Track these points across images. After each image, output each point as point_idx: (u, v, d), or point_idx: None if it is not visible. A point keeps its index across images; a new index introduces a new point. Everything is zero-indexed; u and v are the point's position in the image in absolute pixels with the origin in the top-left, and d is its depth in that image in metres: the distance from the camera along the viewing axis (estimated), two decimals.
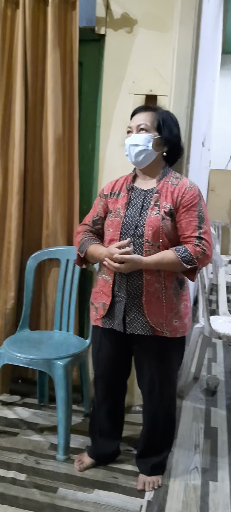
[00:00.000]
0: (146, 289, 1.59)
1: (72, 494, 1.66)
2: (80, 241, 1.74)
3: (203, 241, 1.56)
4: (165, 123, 1.67)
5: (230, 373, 2.87)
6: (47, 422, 2.13)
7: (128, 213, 1.64)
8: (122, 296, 1.62)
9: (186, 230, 1.58)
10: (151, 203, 1.62)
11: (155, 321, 1.60)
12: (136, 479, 1.75)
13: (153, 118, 1.67)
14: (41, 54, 2.16)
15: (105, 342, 1.72)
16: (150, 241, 1.58)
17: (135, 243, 1.59)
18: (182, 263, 1.54)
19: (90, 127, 2.30)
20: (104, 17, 2.15)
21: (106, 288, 1.66)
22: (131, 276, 1.60)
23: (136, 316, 1.61)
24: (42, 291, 2.29)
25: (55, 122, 2.13)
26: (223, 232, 5.69)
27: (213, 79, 4.55)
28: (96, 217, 1.77)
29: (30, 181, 2.24)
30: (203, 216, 1.60)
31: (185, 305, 1.67)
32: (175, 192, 1.61)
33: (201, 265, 1.57)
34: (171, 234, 1.59)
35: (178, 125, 1.72)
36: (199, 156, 3.19)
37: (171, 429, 1.80)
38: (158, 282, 1.60)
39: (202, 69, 2.65)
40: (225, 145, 6.10)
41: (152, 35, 2.12)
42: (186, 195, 1.60)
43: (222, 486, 1.75)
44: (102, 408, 1.80)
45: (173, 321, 1.62)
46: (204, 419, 2.25)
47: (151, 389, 1.69)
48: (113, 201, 1.71)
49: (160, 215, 1.58)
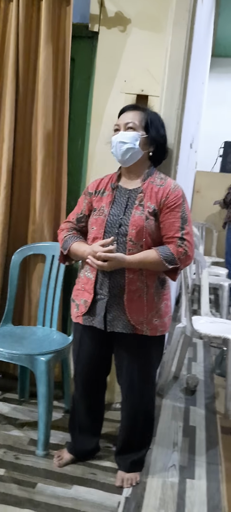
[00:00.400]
0: (128, 288, 1.61)
1: (51, 489, 1.66)
2: (64, 238, 1.74)
3: (185, 242, 1.59)
4: (152, 123, 1.68)
5: (209, 373, 2.93)
6: (27, 417, 2.12)
7: (112, 212, 1.65)
8: (104, 294, 1.64)
9: (169, 230, 1.61)
10: (135, 203, 1.64)
11: (136, 319, 1.62)
12: (114, 475, 1.76)
13: (141, 118, 1.68)
14: (33, 48, 2.14)
15: (85, 339, 1.73)
16: (133, 240, 1.59)
17: (119, 241, 1.61)
18: (164, 263, 1.56)
19: (81, 124, 2.29)
20: (98, 15, 2.14)
21: (89, 285, 1.67)
22: (113, 274, 1.61)
23: (117, 314, 1.63)
24: (27, 287, 2.28)
25: (45, 117, 2.11)
26: (206, 234, 5.77)
27: (202, 82, 4.60)
28: (81, 214, 1.77)
29: (18, 176, 2.22)
30: (186, 217, 1.62)
31: (165, 304, 1.70)
32: (159, 192, 1.63)
33: (182, 265, 1.60)
34: (154, 234, 1.61)
35: (164, 127, 1.75)
36: (186, 158, 3.22)
37: (149, 426, 1.82)
38: (140, 281, 1.61)
39: (193, 72, 2.68)
40: (212, 148, 6.17)
41: (145, 35, 2.13)
42: (170, 196, 1.62)
43: (199, 484, 1.79)
44: (81, 405, 1.81)
45: (153, 320, 1.64)
46: (183, 418, 2.29)
47: (130, 386, 1.71)
48: (97, 199, 1.71)
49: (144, 215, 1.60)
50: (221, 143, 6.01)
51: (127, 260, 1.57)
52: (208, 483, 1.79)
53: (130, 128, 1.66)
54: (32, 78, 2.16)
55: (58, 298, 2.17)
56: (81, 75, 2.28)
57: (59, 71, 2.15)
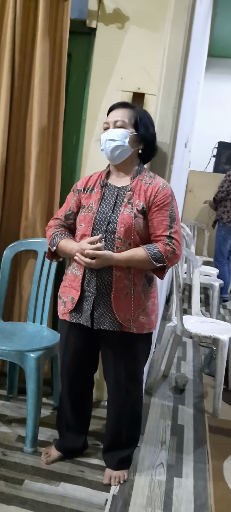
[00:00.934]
0: (115, 285, 1.61)
1: (38, 486, 1.66)
2: (52, 235, 1.73)
3: (174, 241, 1.60)
4: (141, 121, 1.69)
5: (198, 372, 2.95)
6: (15, 414, 2.12)
7: (101, 209, 1.65)
8: (91, 291, 1.64)
9: (157, 229, 1.61)
10: (124, 201, 1.64)
11: (123, 317, 1.62)
12: (102, 473, 1.77)
13: (130, 115, 1.68)
14: (30, 42, 2.12)
15: (72, 337, 1.73)
16: (121, 238, 1.59)
17: (107, 239, 1.61)
18: (152, 261, 1.57)
19: (76, 119, 2.28)
20: (96, 11, 2.13)
21: (76, 282, 1.67)
22: (100, 271, 1.62)
23: (104, 312, 1.63)
24: (17, 282, 2.26)
25: (40, 112, 2.10)
26: (198, 233, 5.79)
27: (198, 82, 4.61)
28: (69, 211, 1.76)
29: (12, 170, 2.20)
30: (174, 216, 1.63)
31: (152, 302, 1.70)
32: (148, 190, 1.64)
33: (170, 263, 1.61)
34: (142, 232, 1.62)
35: (153, 125, 1.75)
36: (181, 157, 3.23)
37: (136, 424, 1.82)
38: (127, 278, 1.62)
39: (190, 71, 2.68)
40: (205, 147, 6.19)
41: (143, 33, 2.12)
42: (158, 195, 1.62)
43: (186, 482, 1.80)
44: (68, 401, 1.80)
45: (140, 317, 1.65)
46: (171, 417, 2.30)
47: (116, 384, 1.72)
48: (86, 196, 1.71)
49: (133, 213, 1.61)
50: (215, 143, 6.03)
51: (115, 258, 1.57)
52: (195, 482, 1.81)
53: (119, 125, 1.66)
54: (28, 72, 2.14)
55: (49, 295, 2.16)
56: (77, 71, 2.26)
57: (55, 67, 2.13)
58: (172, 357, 2.80)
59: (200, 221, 5.91)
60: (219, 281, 4.41)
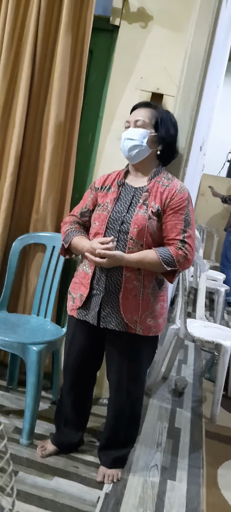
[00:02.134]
0: (124, 286, 1.61)
1: (32, 479, 1.67)
2: (66, 232, 1.74)
3: (186, 245, 1.59)
4: (162, 122, 1.67)
5: (198, 377, 2.94)
6: (14, 405, 2.13)
7: (116, 209, 1.65)
8: (99, 289, 1.64)
9: (170, 232, 1.60)
10: (140, 201, 1.63)
11: (129, 318, 1.62)
12: (96, 470, 1.78)
13: (151, 115, 1.67)
14: (52, 36, 2.12)
15: (78, 333, 1.74)
16: (134, 238, 1.59)
17: (119, 239, 1.60)
18: (162, 264, 1.56)
19: (93, 116, 2.28)
20: (121, 9, 2.13)
21: (86, 280, 1.68)
22: (110, 271, 1.62)
23: (111, 311, 1.63)
24: (24, 275, 2.28)
25: (58, 107, 2.10)
26: (207, 237, 5.77)
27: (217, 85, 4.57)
28: (85, 209, 1.77)
29: (26, 164, 2.20)
30: (189, 220, 1.62)
31: (161, 305, 1.70)
32: (165, 193, 1.63)
33: (181, 268, 1.59)
34: (155, 234, 1.61)
35: (176, 127, 1.73)
36: (195, 160, 3.22)
37: (135, 425, 1.83)
38: (137, 280, 1.61)
39: (211, 75, 2.66)
40: (220, 152, 6.15)
41: (165, 33, 2.11)
42: (175, 198, 1.61)
43: (180, 485, 1.80)
44: (69, 397, 1.81)
45: (147, 320, 1.64)
46: (169, 419, 2.30)
47: (118, 383, 1.72)
48: (103, 195, 1.71)
49: (147, 214, 1.60)
50: (230, 148, 5.98)
51: (126, 259, 1.57)
52: (188, 486, 1.81)
53: (139, 125, 1.66)
54: (49, 66, 2.15)
55: (55, 290, 2.17)
56: (98, 68, 2.26)
57: (76, 62, 2.13)
58: (173, 360, 2.80)
59: (210, 225, 5.88)
60: (225, 286, 4.39)
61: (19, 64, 2.15)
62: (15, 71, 2.16)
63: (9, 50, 2.11)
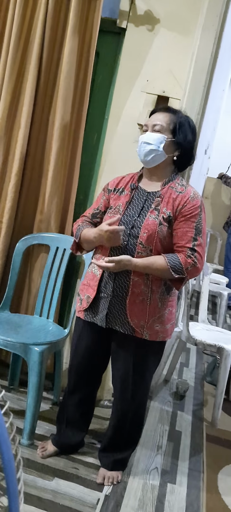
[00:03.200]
0: (131, 290, 1.60)
1: (31, 479, 1.67)
2: (77, 227, 1.74)
3: (196, 254, 1.57)
4: (181, 128, 1.65)
5: (200, 380, 2.94)
6: (15, 405, 2.14)
7: (127, 212, 1.64)
8: (107, 292, 1.64)
9: (181, 239, 1.58)
10: (152, 206, 1.62)
11: (136, 322, 1.61)
12: (96, 472, 1.78)
13: (170, 120, 1.65)
14: (59, 38, 2.13)
15: (85, 334, 1.73)
16: (143, 243, 1.58)
17: (129, 242, 1.60)
18: (171, 271, 1.54)
19: (98, 118, 2.28)
20: (128, 11, 2.13)
21: (94, 282, 1.68)
22: (118, 275, 1.61)
23: (118, 313, 1.63)
24: (27, 275, 2.28)
25: (64, 108, 2.11)
26: (211, 241, 5.76)
27: (223, 89, 4.55)
28: (97, 210, 1.77)
29: (31, 164, 2.21)
30: (200, 229, 1.60)
31: (169, 311, 1.68)
32: (177, 199, 1.61)
33: (189, 276, 1.58)
34: (165, 241, 1.60)
35: (194, 132, 1.71)
36: (200, 163, 3.21)
37: (137, 429, 1.83)
38: (145, 285, 1.60)
39: (217, 78, 2.65)
40: (225, 155, 6.12)
41: (172, 36, 2.11)
42: (187, 205, 1.59)
43: (179, 489, 1.80)
44: (73, 398, 1.81)
45: (154, 325, 1.63)
46: (170, 422, 2.30)
47: (123, 387, 1.72)
48: (115, 197, 1.70)
49: (158, 220, 1.59)
50: None
51: (134, 263, 1.56)
52: (188, 490, 1.81)
53: (157, 130, 1.64)
54: (55, 68, 2.15)
55: (58, 291, 2.18)
56: (104, 70, 2.26)
57: (82, 64, 2.14)
58: (175, 363, 2.80)
59: (214, 229, 5.86)
60: (228, 290, 4.37)
61: (26, 65, 2.16)
62: (22, 72, 2.17)
63: (15, 51, 2.12)
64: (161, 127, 1.64)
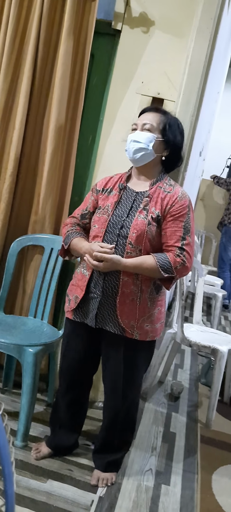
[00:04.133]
0: (121, 290, 1.61)
1: (25, 481, 1.67)
2: (67, 233, 1.74)
3: (185, 253, 1.58)
4: (170, 128, 1.67)
5: (194, 381, 2.94)
6: (8, 407, 2.13)
7: (116, 212, 1.65)
8: (97, 293, 1.64)
9: (169, 238, 1.60)
10: (140, 206, 1.63)
11: (126, 322, 1.62)
12: (90, 473, 1.77)
13: (159, 120, 1.67)
14: (54, 40, 2.13)
15: (75, 335, 1.74)
16: (133, 243, 1.59)
17: (118, 243, 1.60)
18: (160, 270, 1.56)
19: (93, 120, 2.28)
20: (123, 13, 2.14)
21: (82, 282, 1.68)
22: (108, 275, 1.62)
23: (108, 314, 1.63)
24: (22, 276, 2.28)
25: (59, 110, 2.11)
26: (205, 242, 5.78)
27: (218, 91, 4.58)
28: (85, 211, 1.77)
29: (25, 165, 2.21)
30: (188, 228, 1.62)
31: (159, 310, 1.69)
32: (166, 199, 1.62)
33: (178, 275, 1.59)
34: (154, 240, 1.61)
35: (183, 134, 1.73)
36: (195, 165, 3.23)
37: (130, 430, 1.84)
38: (135, 284, 1.61)
39: (211, 80, 2.67)
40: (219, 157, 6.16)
41: (167, 38, 2.12)
42: (175, 204, 1.61)
43: (174, 490, 1.80)
44: (65, 399, 1.81)
45: (144, 324, 1.64)
46: (164, 423, 2.30)
47: (114, 387, 1.72)
48: (104, 197, 1.71)
49: (147, 220, 1.60)
50: (230, 154, 6.01)
51: (123, 263, 1.57)
52: (182, 491, 1.81)
53: (147, 129, 1.66)
54: (50, 69, 2.15)
55: (52, 292, 2.17)
56: (99, 72, 2.26)
57: (77, 66, 2.14)
58: (170, 364, 2.80)
59: (209, 230, 5.89)
60: (223, 291, 4.39)
61: (21, 66, 2.16)
62: (16, 73, 2.17)
63: (10, 52, 2.12)
64: (151, 126, 1.65)
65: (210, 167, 6.21)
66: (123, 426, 1.77)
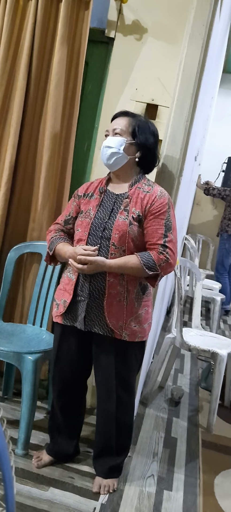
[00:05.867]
0: (108, 291, 1.62)
1: (27, 490, 1.65)
2: (51, 239, 1.76)
3: (167, 250, 1.61)
4: (139, 130, 1.70)
5: (195, 386, 2.94)
6: (9, 415, 2.12)
7: (98, 215, 1.67)
8: (84, 296, 1.65)
9: (151, 237, 1.62)
10: (121, 208, 1.66)
11: (115, 323, 1.63)
12: (92, 480, 1.76)
13: (128, 124, 1.71)
14: (48, 48, 2.15)
15: (65, 340, 1.74)
16: (116, 244, 1.61)
17: (102, 245, 1.63)
18: (144, 268, 1.58)
19: (89, 127, 2.30)
20: (116, 21, 2.16)
21: (69, 286, 1.69)
22: (94, 277, 1.63)
23: (96, 316, 1.64)
24: (20, 284, 2.28)
25: (54, 117, 2.12)
26: (203, 247, 5.79)
27: (211, 96, 4.62)
28: (68, 217, 1.79)
29: (22, 173, 2.22)
30: (170, 225, 1.64)
31: (146, 310, 1.71)
32: (145, 199, 1.65)
33: (163, 272, 1.61)
34: (137, 240, 1.63)
35: (155, 134, 1.75)
36: (190, 170, 3.24)
37: (127, 433, 1.80)
38: (121, 285, 1.63)
39: (205, 86, 2.70)
40: (215, 162, 6.19)
41: (160, 45, 2.14)
42: (155, 203, 1.64)
43: (176, 496, 1.79)
44: (59, 405, 1.80)
45: (132, 325, 1.65)
46: (165, 429, 2.30)
47: (106, 390, 1.71)
48: (85, 202, 1.74)
49: (128, 220, 1.62)
50: (225, 158, 6.04)
51: (107, 264, 1.59)
52: (185, 496, 1.80)
53: (116, 133, 1.70)
54: (45, 77, 2.17)
55: (51, 299, 2.17)
56: (93, 79, 2.29)
57: (72, 74, 2.16)
58: (169, 369, 2.80)
59: (206, 235, 5.90)
60: (221, 295, 4.39)
61: (15, 75, 2.17)
62: (11, 82, 2.18)
63: (4, 61, 2.14)
64: (121, 130, 1.70)
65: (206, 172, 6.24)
66: (119, 430, 1.75)
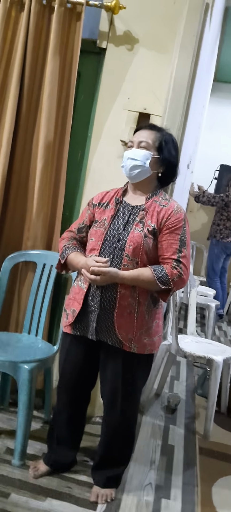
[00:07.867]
0: (119, 303, 1.61)
1: (24, 501, 1.64)
2: (63, 247, 1.75)
3: (181, 265, 1.60)
4: (166, 145, 1.70)
5: (191, 393, 2.93)
6: (5, 425, 2.10)
7: (112, 226, 1.67)
8: (94, 306, 1.64)
9: (166, 251, 1.62)
10: (136, 219, 1.65)
11: (124, 336, 1.62)
12: (90, 490, 1.75)
13: (155, 138, 1.70)
14: (41, 59, 2.17)
15: (73, 350, 1.73)
16: (129, 256, 1.60)
17: (115, 255, 1.62)
18: (157, 282, 1.57)
19: (82, 136, 2.32)
20: (107, 32, 2.18)
21: (80, 295, 1.68)
22: (105, 288, 1.62)
23: (105, 327, 1.63)
24: (16, 293, 2.27)
25: (47, 127, 2.13)
26: (196, 253, 5.82)
27: (203, 105, 4.68)
28: (82, 225, 1.78)
29: (16, 182, 2.22)
30: (184, 241, 1.64)
31: (156, 323, 1.70)
32: (161, 212, 1.65)
33: (176, 287, 1.61)
34: (151, 253, 1.62)
35: (177, 149, 1.76)
36: (183, 178, 3.27)
37: (129, 444, 1.81)
38: (132, 297, 1.62)
39: (196, 94, 2.74)
40: (207, 169, 6.25)
41: (151, 55, 2.17)
42: (171, 218, 1.63)
43: (174, 504, 1.78)
44: (63, 416, 1.79)
45: (142, 337, 1.64)
46: (162, 436, 2.29)
47: (112, 401, 1.71)
48: (100, 211, 1.73)
49: (143, 233, 1.62)
50: (217, 166, 6.10)
51: (120, 276, 1.58)
52: (183, 505, 1.79)
53: (143, 146, 1.68)
54: (38, 87, 2.19)
55: (46, 307, 2.16)
56: (86, 89, 2.31)
57: (64, 84, 2.18)
58: (165, 376, 2.79)
59: (199, 242, 5.93)
60: (216, 302, 4.40)
61: (7, 86, 2.18)
62: (3, 93, 2.19)
63: None
64: (147, 144, 1.69)
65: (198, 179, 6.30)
66: (121, 441, 1.75)
